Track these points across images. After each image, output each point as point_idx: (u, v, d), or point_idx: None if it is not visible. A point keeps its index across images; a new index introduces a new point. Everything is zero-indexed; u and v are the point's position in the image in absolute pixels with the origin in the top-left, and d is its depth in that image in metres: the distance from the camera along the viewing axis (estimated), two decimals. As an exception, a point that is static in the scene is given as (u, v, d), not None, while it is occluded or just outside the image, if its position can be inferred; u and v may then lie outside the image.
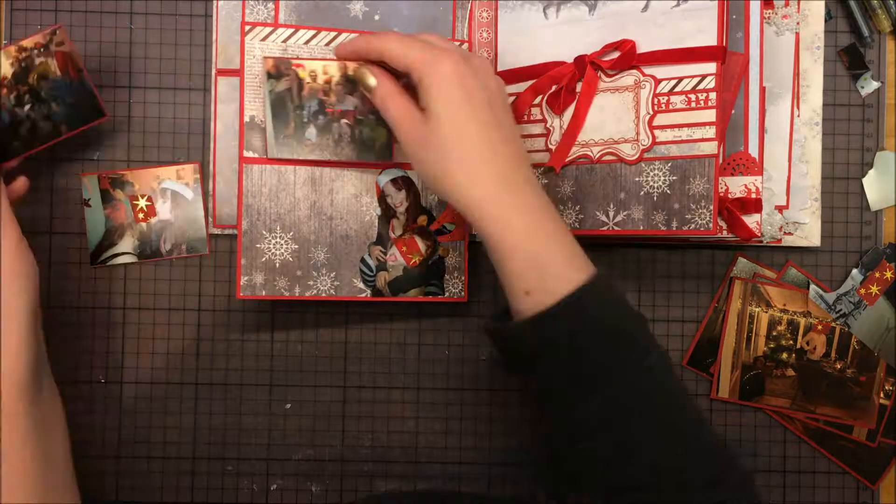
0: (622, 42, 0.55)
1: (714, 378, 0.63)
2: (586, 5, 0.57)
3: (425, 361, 0.63)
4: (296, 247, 0.57)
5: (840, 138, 0.63)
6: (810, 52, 0.61)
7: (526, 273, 0.47)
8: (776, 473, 0.63)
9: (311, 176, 0.57)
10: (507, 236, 0.48)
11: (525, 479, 0.63)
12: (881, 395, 0.62)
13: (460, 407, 0.63)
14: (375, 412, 0.63)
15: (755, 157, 0.57)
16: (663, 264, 0.63)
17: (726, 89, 0.55)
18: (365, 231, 0.58)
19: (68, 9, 0.62)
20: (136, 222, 0.61)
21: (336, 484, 0.63)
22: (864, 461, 0.63)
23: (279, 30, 0.56)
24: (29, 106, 0.56)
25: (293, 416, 0.63)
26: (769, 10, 0.60)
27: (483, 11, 0.60)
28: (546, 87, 0.58)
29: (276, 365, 0.63)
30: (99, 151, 0.62)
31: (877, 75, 0.62)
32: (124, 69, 0.62)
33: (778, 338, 0.62)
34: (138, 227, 0.61)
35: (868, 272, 0.62)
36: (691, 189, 0.54)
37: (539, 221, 0.48)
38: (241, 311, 0.63)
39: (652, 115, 0.55)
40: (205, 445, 0.63)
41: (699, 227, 0.53)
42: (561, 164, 0.57)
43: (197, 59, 0.62)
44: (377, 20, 0.59)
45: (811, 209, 0.61)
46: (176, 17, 0.62)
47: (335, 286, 0.58)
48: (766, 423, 0.63)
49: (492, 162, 0.48)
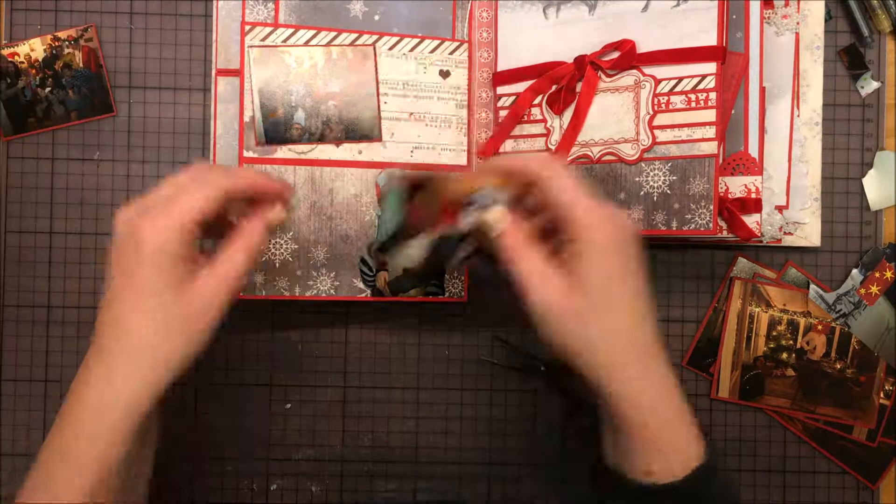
0: (622, 42, 0.55)
1: (714, 378, 0.63)
2: (586, 5, 0.57)
3: (425, 361, 0.63)
4: (296, 247, 0.57)
5: (840, 138, 0.63)
6: (810, 52, 0.61)
7: (653, 454, 0.45)
8: (776, 473, 0.63)
9: (311, 176, 0.57)
10: (638, 418, 0.45)
11: (525, 479, 0.63)
12: (881, 395, 0.62)
13: (460, 407, 0.63)
14: (375, 412, 0.63)
15: (755, 156, 0.57)
16: (663, 264, 0.63)
17: (726, 89, 0.55)
18: (365, 231, 0.58)
19: (68, 9, 0.62)
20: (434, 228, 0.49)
21: (336, 484, 0.63)
22: (864, 461, 0.63)
23: (279, 30, 0.56)
24: (49, 89, 0.61)
25: (293, 416, 0.63)
26: (769, 10, 0.60)
27: (483, 11, 0.60)
28: (546, 87, 0.58)
29: (276, 365, 0.63)
30: (99, 151, 0.62)
31: (877, 75, 0.62)
32: (124, 69, 0.62)
33: (778, 338, 0.62)
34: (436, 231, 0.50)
35: (868, 272, 0.62)
36: (691, 189, 0.54)
37: (668, 396, 0.46)
38: (241, 311, 0.63)
39: (652, 115, 0.55)
40: (205, 445, 0.63)
41: (699, 227, 0.53)
42: (561, 164, 0.57)
43: (197, 59, 0.62)
44: (377, 20, 0.59)
45: (811, 209, 0.61)
46: (176, 17, 0.62)
47: (335, 286, 0.58)
48: (766, 423, 0.63)
49: (642, 334, 0.45)
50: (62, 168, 0.62)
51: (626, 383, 0.45)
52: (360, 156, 0.58)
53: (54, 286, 0.62)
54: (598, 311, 0.44)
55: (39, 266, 0.62)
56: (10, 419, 0.62)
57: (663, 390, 0.46)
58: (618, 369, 0.45)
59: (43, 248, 0.62)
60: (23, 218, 0.62)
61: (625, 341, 0.45)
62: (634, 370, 0.45)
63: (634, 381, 0.45)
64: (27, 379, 0.62)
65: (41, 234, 0.62)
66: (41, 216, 0.62)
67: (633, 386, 0.45)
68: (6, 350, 0.62)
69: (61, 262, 0.62)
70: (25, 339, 0.62)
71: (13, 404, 0.62)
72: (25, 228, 0.62)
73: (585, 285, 0.44)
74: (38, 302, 0.62)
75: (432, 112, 0.58)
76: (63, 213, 0.62)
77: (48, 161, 0.62)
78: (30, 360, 0.62)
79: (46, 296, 0.62)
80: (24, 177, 0.62)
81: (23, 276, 0.62)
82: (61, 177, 0.62)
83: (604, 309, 0.44)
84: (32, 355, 0.62)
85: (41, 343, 0.62)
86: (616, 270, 0.44)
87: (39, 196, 0.62)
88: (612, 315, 0.44)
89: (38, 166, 0.62)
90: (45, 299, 0.62)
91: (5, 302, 0.62)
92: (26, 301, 0.62)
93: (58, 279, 0.62)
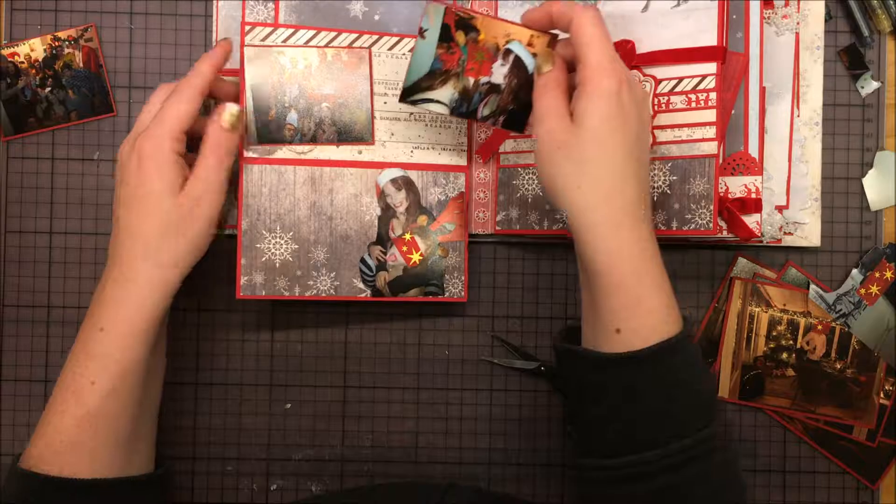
0: (622, 42, 0.55)
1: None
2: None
3: (425, 361, 0.63)
4: (296, 247, 0.57)
5: (840, 138, 0.63)
6: (810, 52, 0.61)
7: (623, 312, 0.47)
8: (776, 473, 0.63)
9: (311, 176, 0.57)
10: (615, 272, 0.47)
11: (525, 479, 0.63)
12: (881, 395, 0.62)
13: (460, 407, 0.63)
14: (375, 412, 0.63)
15: (755, 157, 0.57)
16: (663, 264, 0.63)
17: (726, 89, 0.55)
18: (365, 231, 0.58)
19: (68, 9, 0.62)
20: (465, 74, 0.53)
21: (336, 484, 0.63)
22: (864, 461, 0.63)
23: (279, 30, 0.56)
24: (49, 89, 0.61)
25: (293, 416, 0.63)
26: (769, 10, 0.60)
27: (483, 11, 0.60)
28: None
29: (276, 365, 0.63)
30: (99, 151, 0.62)
31: (877, 75, 0.62)
32: (124, 69, 0.62)
33: (778, 338, 0.62)
34: (463, 81, 0.53)
35: (868, 272, 0.62)
36: (691, 189, 0.54)
37: (648, 264, 0.47)
38: (241, 311, 0.63)
39: (652, 115, 0.55)
40: (205, 445, 0.63)
41: (699, 227, 0.53)
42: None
43: (197, 59, 0.62)
44: (377, 20, 0.59)
45: (811, 209, 0.61)
46: (176, 17, 0.62)
47: (335, 286, 0.58)
48: (766, 423, 0.63)
49: (622, 192, 0.47)
50: (62, 168, 0.62)
51: (604, 237, 0.47)
52: (359, 156, 0.58)
53: (54, 286, 0.62)
54: (585, 152, 0.47)
55: (39, 266, 0.62)
56: (9, 419, 0.62)
57: (639, 252, 0.47)
58: (595, 218, 0.47)
59: (43, 248, 0.62)
60: (23, 218, 0.62)
61: (605, 191, 0.47)
62: (611, 224, 0.47)
63: (611, 236, 0.47)
64: (27, 379, 0.62)
65: (41, 234, 0.62)
66: (41, 216, 0.62)
67: (610, 240, 0.47)
68: (6, 350, 0.62)
69: (61, 262, 0.62)
70: (25, 339, 0.62)
71: (13, 404, 0.62)
72: (25, 228, 0.62)
73: (581, 125, 0.47)
74: (38, 302, 0.62)
75: (432, 112, 0.58)
76: (63, 213, 0.62)
77: (48, 161, 0.62)
78: (30, 360, 0.62)
79: (46, 296, 0.62)
80: (24, 177, 0.62)
81: (23, 276, 0.62)
82: (61, 177, 0.62)
83: (592, 152, 0.47)
84: (32, 355, 0.62)
85: (41, 343, 0.62)
86: (612, 120, 0.47)
87: (39, 196, 0.62)
88: (598, 161, 0.47)
89: (38, 166, 0.62)
90: (45, 299, 0.62)
91: (5, 302, 0.62)
92: (26, 301, 0.62)
93: (58, 279, 0.62)
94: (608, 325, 0.47)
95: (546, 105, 0.49)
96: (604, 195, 0.47)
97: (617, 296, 0.47)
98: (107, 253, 0.51)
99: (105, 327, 0.49)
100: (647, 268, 0.47)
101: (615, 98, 0.47)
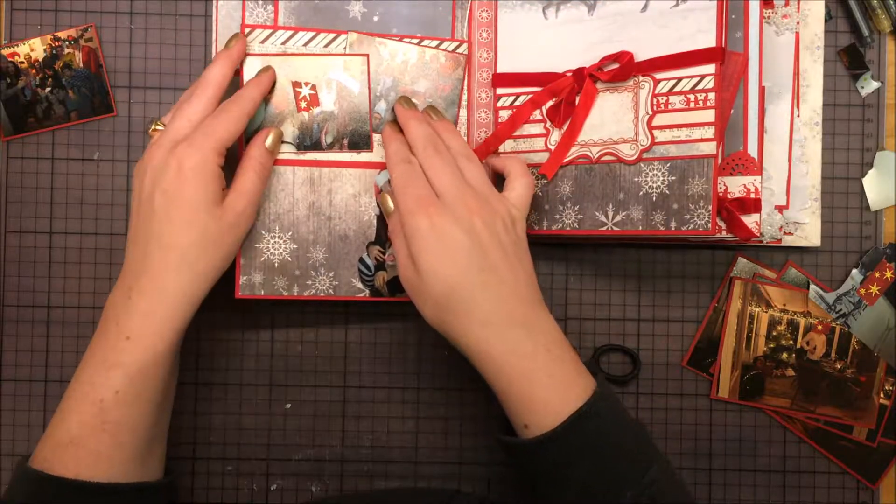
0: (620, 54, 0.55)
1: (714, 378, 0.63)
2: (585, 5, 0.57)
3: (425, 361, 0.63)
4: (294, 246, 0.57)
5: (840, 138, 0.62)
6: (810, 52, 0.61)
7: (522, 410, 0.49)
8: (776, 473, 0.63)
9: (310, 176, 0.57)
10: (502, 378, 0.49)
11: (524, 480, 0.63)
12: (881, 395, 0.62)
13: (460, 407, 0.63)
14: (375, 412, 0.63)
15: (754, 157, 0.57)
16: (663, 264, 0.63)
17: (725, 89, 0.55)
18: (363, 231, 0.58)
19: (68, 9, 0.62)
20: (298, 111, 0.57)
21: (336, 484, 0.63)
22: (864, 461, 0.62)
23: (278, 32, 0.56)
24: (49, 89, 0.61)
25: (293, 416, 0.63)
26: (769, 9, 0.59)
27: (482, 11, 0.60)
28: (545, 99, 0.58)
29: (276, 365, 0.63)
30: (99, 151, 0.62)
31: (877, 75, 0.62)
32: (124, 69, 0.62)
33: (778, 338, 0.62)
34: (298, 117, 0.57)
35: (868, 272, 0.62)
36: (690, 189, 0.54)
37: (529, 358, 0.49)
38: (241, 311, 0.63)
39: (651, 115, 0.55)
40: (205, 445, 0.63)
41: (698, 228, 0.53)
42: (553, 172, 0.57)
43: (197, 59, 0.62)
44: (376, 21, 0.59)
45: (811, 209, 0.61)
46: (176, 17, 0.62)
47: (333, 286, 0.58)
48: (766, 423, 0.63)
49: (479, 307, 0.49)
50: (62, 168, 0.62)
51: (479, 354, 0.50)
52: (358, 156, 0.58)
53: (54, 286, 0.62)
54: (440, 292, 0.49)
55: (39, 266, 0.62)
56: (9, 419, 0.62)
57: (513, 350, 0.49)
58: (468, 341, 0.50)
59: (43, 248, 0.62)
60: (23, 218, 0.62)
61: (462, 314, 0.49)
62: (480, 341, 0.49)
63: (484, 350, 0.49)
64: (27, 379, 0.62)
65: (41, 234, 0.62)
66: (41, 216, 0.62)
67: (485, 356, 0.49)
68: (6, 350, 0.62)
69: (61, 262, 0.62)
70: (25, 339, 0.62)
71: (13, 404, 0.62)
72: (25, 228, 0.62)
73: (419, 269, 0.50)
74: (38, 302, 0.62)
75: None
76: (63, 213, 0.62)
77: (48, 161, 0.62)
78: (30, 360, 0.62)
79: (46, 296, 0.62)
80: (24, 177, 0.62)
81: (23, 276, 0.62)
82: (61, 177, 0.62)
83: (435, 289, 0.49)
84: (32, 355, 0.62)
85: (41, 343, 0.62)
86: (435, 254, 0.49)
87: (39, 196, 0.62)
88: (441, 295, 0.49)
89: (38, 166, 0.62)
90: (45, 299, 0.62)
91: (5, 302, 0.62)
92: (26, 301, 0.62)
93: (58, 279, 0.62)
94: (517, 424, 0.50)
95: (396, 252, 0.52)
96: (465, 318, 0.49)
97: (510, 398, 0.49)
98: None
99: (132, 337, 0.48)
100: (528, 364, 0.49)
101: (430, 232, 0.49)
